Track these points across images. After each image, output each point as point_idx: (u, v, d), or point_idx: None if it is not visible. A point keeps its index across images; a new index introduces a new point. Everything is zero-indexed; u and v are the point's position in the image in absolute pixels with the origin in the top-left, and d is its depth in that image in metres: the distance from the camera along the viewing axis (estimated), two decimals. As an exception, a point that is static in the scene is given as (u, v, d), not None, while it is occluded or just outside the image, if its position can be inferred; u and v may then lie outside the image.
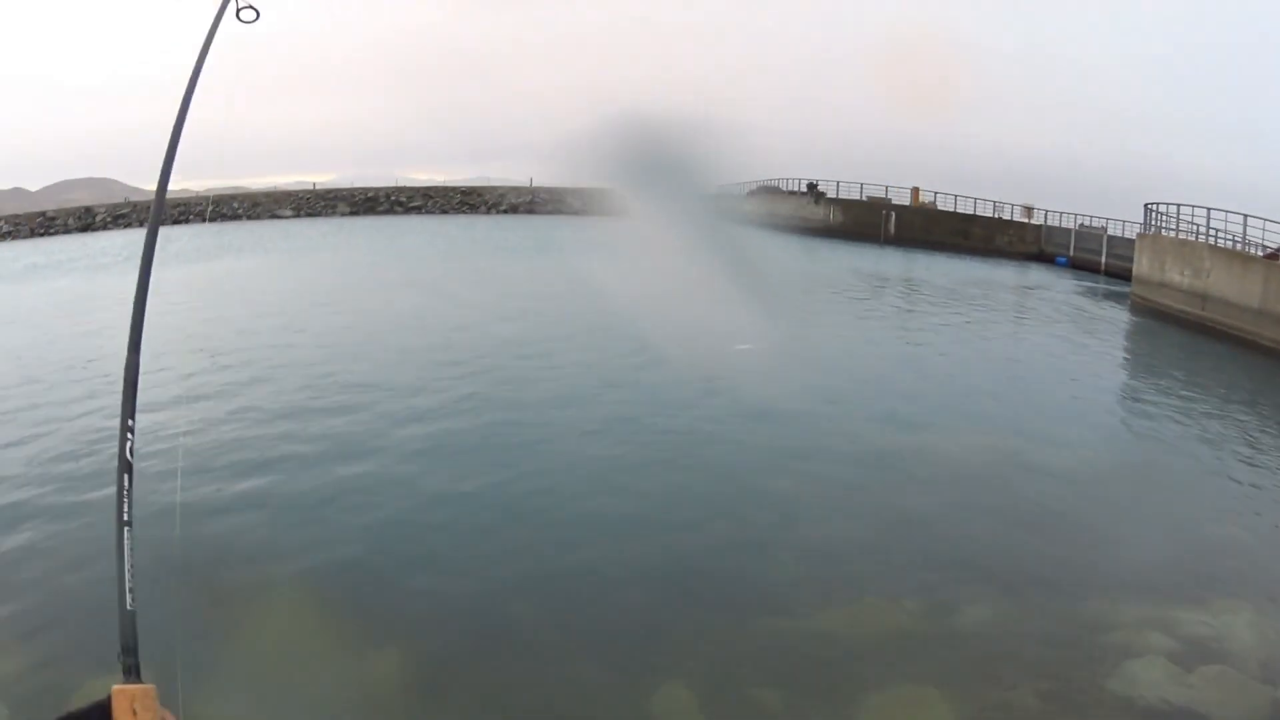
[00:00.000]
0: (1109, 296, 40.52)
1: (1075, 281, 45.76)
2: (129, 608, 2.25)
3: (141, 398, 2.70)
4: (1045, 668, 8.87)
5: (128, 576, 2.30)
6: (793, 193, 72.91)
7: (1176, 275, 34.82)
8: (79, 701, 1.86)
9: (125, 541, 2.36)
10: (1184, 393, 22.22)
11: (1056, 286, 43.75)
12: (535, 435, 16.32)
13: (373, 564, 11.29)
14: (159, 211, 3.27)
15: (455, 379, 20.18)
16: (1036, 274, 49.09)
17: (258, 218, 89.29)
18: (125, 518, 2.44)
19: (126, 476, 2.53)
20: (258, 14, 4.20)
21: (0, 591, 10.33)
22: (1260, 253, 33.52)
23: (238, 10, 4.17)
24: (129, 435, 2.61)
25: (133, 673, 1.95)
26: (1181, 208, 37.38)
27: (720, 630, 9.62)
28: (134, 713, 1.76)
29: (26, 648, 9.04)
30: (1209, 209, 35.30)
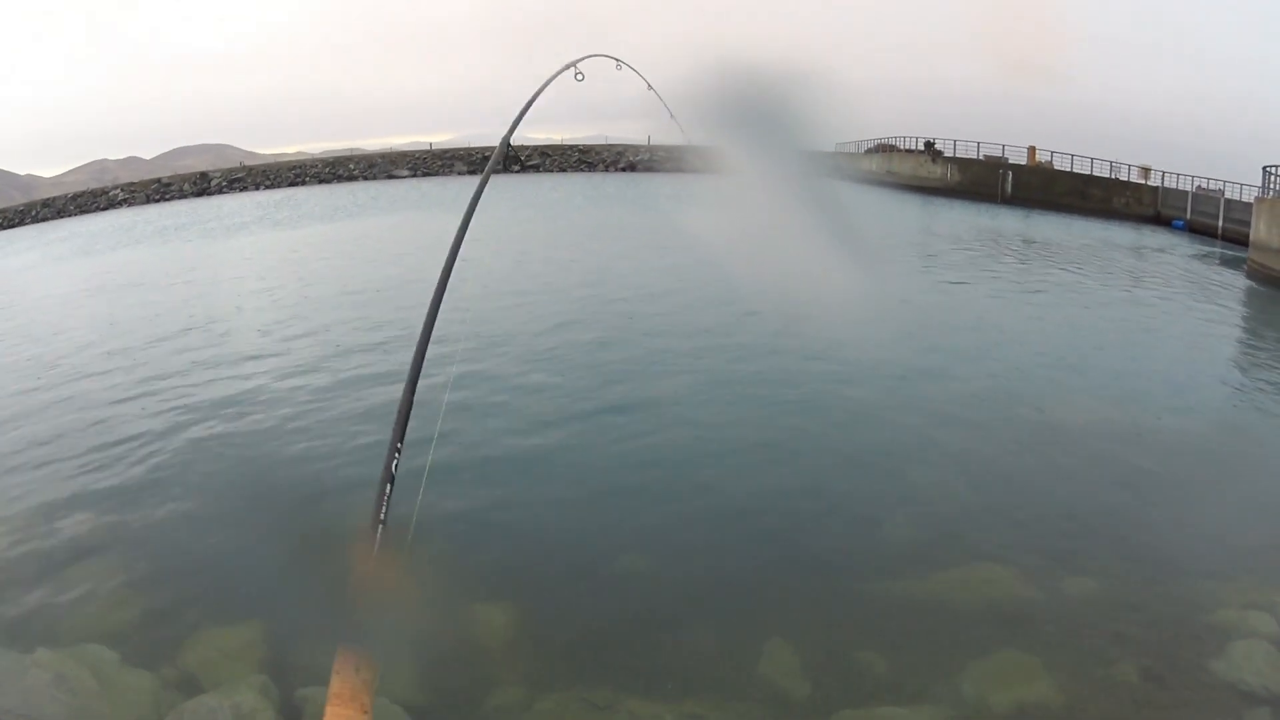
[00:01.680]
0: (1225, 262, 39.51)
1: (1192, 245, 44.67)
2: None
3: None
4: (1148, 645, 8.87)
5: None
6: (910, 151, 72.22)
7: (1290, 241, 33.86)
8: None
9: (378, 536, 2.57)
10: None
11: (1173, 250, 42.75)
12: (651, 394, 16.65)
13: (499, 517, 11.97)
14: (495, 163, 3.52)
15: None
16: (1153, 237, 47.99)
17: (374, 178, 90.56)
18: (382, 517, 2.64)
19: (389, 485, 2.71)
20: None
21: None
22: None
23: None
24: (396, 454, 2.81)
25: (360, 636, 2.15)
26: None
27: (828, 592, 9.80)
28: (357, 670, 2.01)
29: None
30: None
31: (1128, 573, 10.29)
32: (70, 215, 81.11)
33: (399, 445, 2.72)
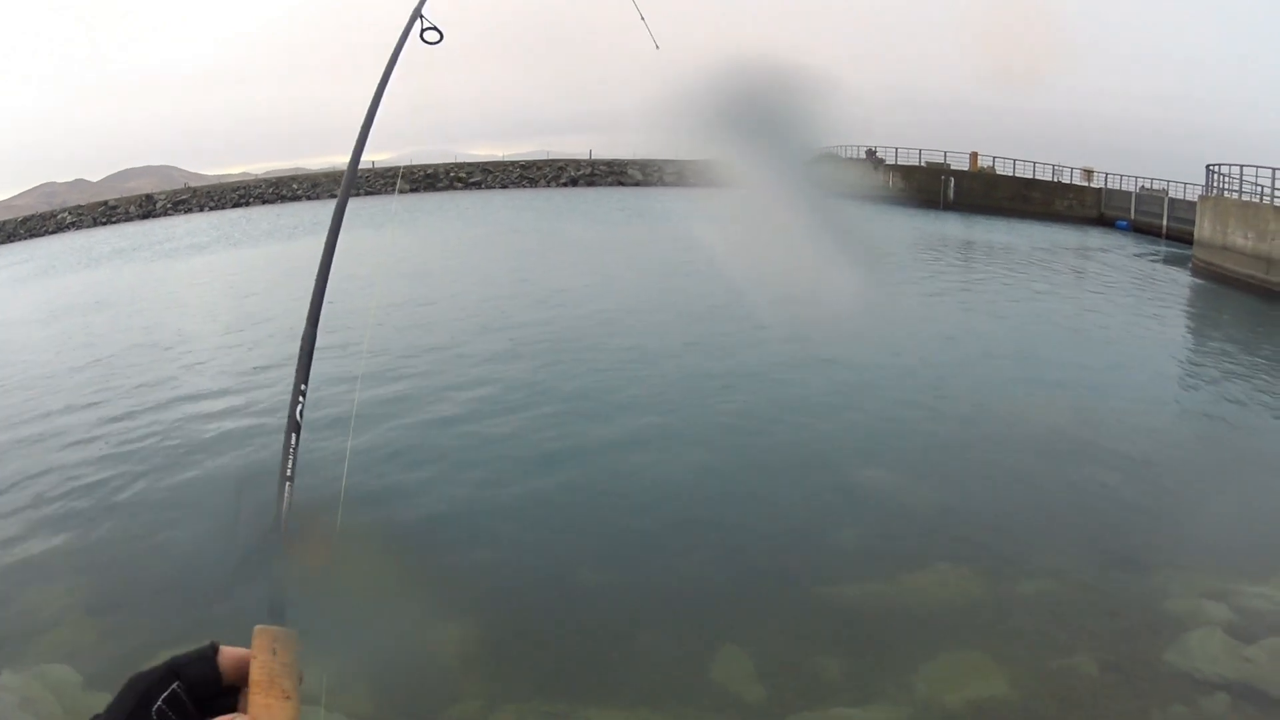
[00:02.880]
0: (1170, 260, 39.96)
1: (1136, 245, 45.17)
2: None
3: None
4: (1104, 637, 8.87)
5: (284, 526, 2.42)
6: (852, 159, 72.60)
7: (1240, 239, 34.19)
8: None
9: (285, 495, 2.48)
10: (1249, 359, 21.93)
11: (1117, 250, 43.20)
12: (602, 404, 16.62)
13: (453, 529, 11.88)
14: (348, 187, 3.40)
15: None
16: (1097, 238, 48.50)
17: (317, 198, 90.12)
18: (289, 474, 2.55)
19: (295, 435, 2.64)
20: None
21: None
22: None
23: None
24: (300, 399, 2.73)
25: (278, 614, 2.04)
26: (1246, 169, 36.63)
27: (781, 598, 9.74)
28: (274, 652, 1.87)
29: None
30: (1275, 170, 34.60)
31: (1082, 568, 10.29)
32: (20, 239, 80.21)
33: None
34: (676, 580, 10.28)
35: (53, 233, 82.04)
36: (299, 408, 2.71)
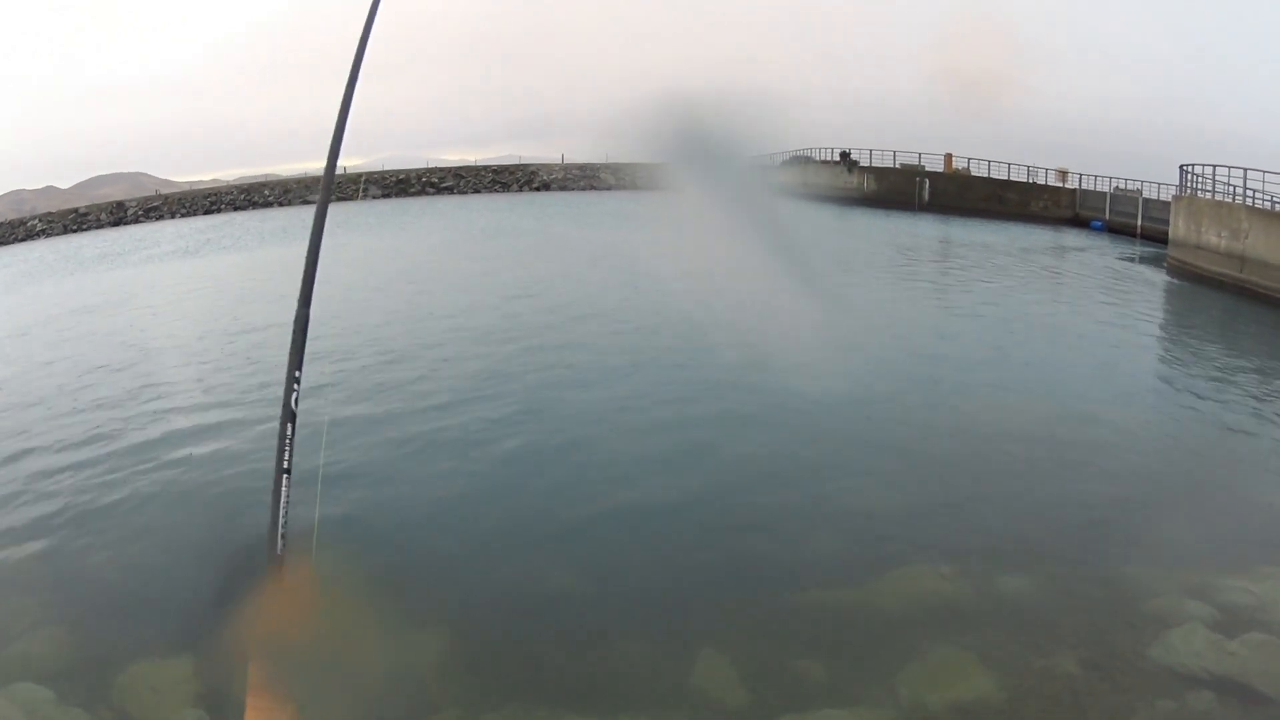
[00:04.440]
0: (1145, 260, 40.19)
1: (1111, 245, 45.41)
2: (278, 552, 2.28)
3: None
4: (1086, 636, 8.86)
5: (281, 523, 2.32)
6: (826, 162, 72.65)
7: (1214, 237, 34.38)
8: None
9: (284, 488, 2.39)
10: (1225, 357, 22.05)
11: (1092, 250, 43.41)
12: (584, 411, 16.49)
13: (423, 541, 11.74)
14: (328, 189, 3.34)
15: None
16: (1072, 238, 48.74)
17: (289, 204, 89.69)
18: (286, 465, 2.47)
19: (290, 425, 2.55)
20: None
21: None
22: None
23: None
24: (295, 386, 2.65)
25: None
26: (1218, 169, 36.82)
27: (760, 601, 9.66)
28: (270, 714, 1.79)
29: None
30: (1246, 169, 34.80)
31: (1062, 567, 10.27)
32: (-11, 246, 79.56)
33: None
34: (655, 585, 10.21)
35: (22, 240, 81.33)
36: (294, 395, 2.64)
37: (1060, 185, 61.28)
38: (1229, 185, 35.74)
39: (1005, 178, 63.96)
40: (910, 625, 9.11)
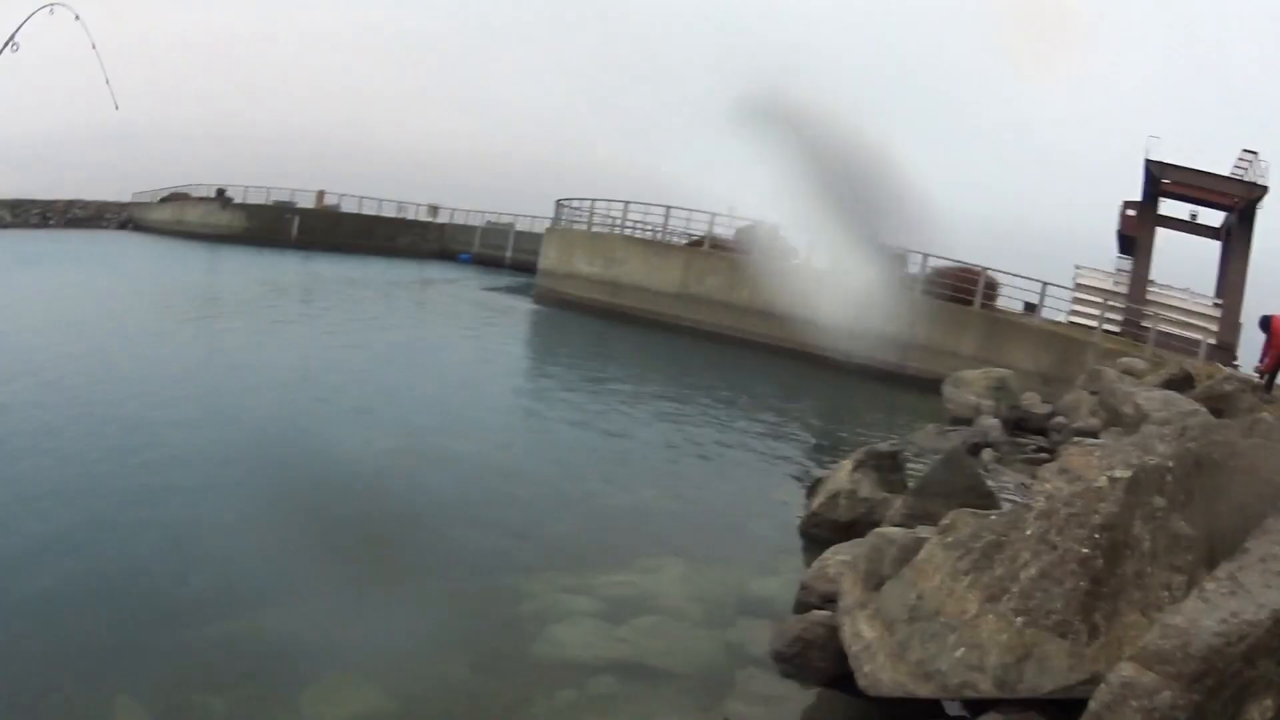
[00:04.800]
0: (514, 290, 42.06)
1: (480, 276, 47.11)
2: None
3: None
4: (473, 643, 8.78)
5: None
6: (202, 199, 70.32)
7: (586, 266, 36.41)
8: None
9: None
10: (596, 373, 23.19)
11: (459, 282, 44.90)
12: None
13: None
14: None
15: None
16: (439, 271, 50.10)
17: None
18: None
19: None
20: None
21: None
22: (682, 241, 36.09)
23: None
24: None
25: None
26: (597, 201, 39.08)
27: (164, 644, 8.71)
28: None
29: None
30: (626, 202, 37.23)
31: (444, 581, 10.08)
32: None
33: None
34: (61, 634, 8.89)
35: None
36: None
37: (430, 220, 63.16)
38: (608, 216, 38.01)
39: (376, 213, 65.13)
40: (304, 651, 8.56)
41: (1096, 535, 5.99)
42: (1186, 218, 37.99)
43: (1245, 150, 35.06)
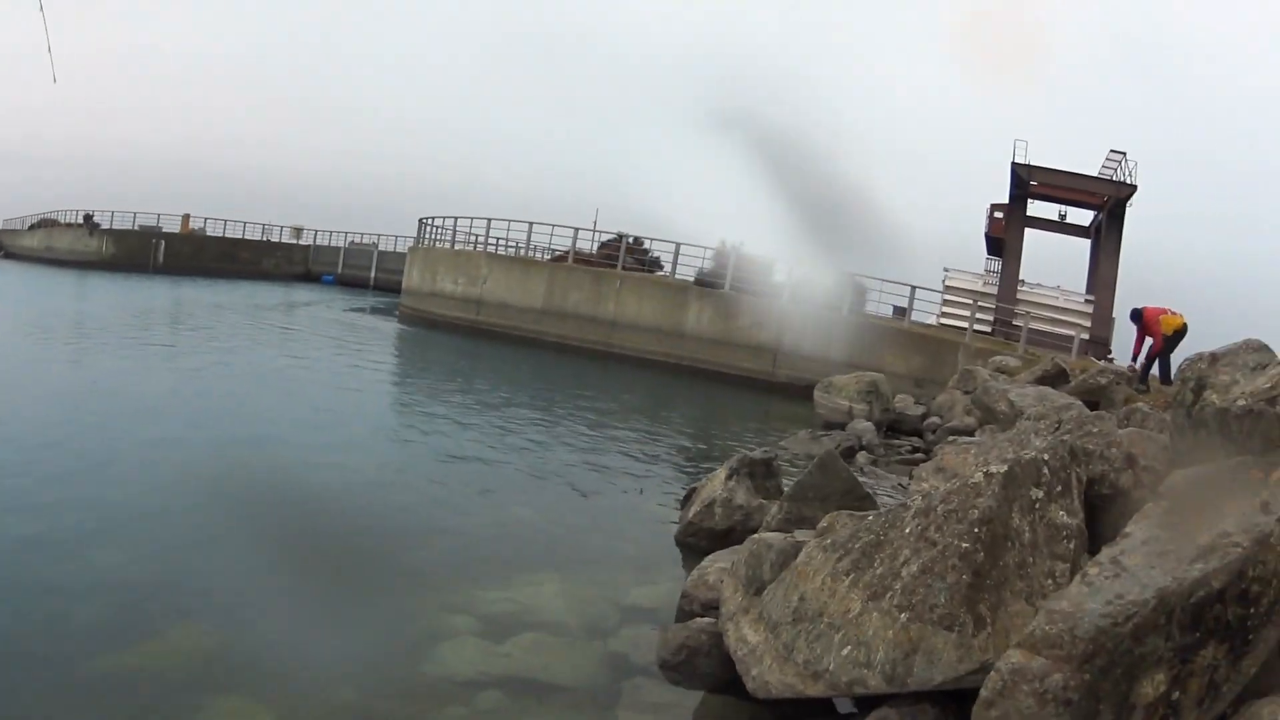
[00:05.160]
0: (378, 310, 41.58)
1: (343, 298, 46.43)
2: None
3: None
4: (360, 667, 8.55)
5: None
6: (70, 225, 68.48)
7: (450, 284, 36.14)
8: None
9: None
10: (462, 390, 23.09)
11: (322, 304, 44.13)
12: None
13: None
14: None
15: None
16: (304, 293, 49.32)
17: None
18: None
19: None
20: None
21: None
22: (545, 257, 36.01)
23: None
24: None
25: None
26: (459, 219, 38.78)
27: (36, 684, 8.28)
28: None
29: None
30: (490, 219, 36.95)
31: (327, 604, 9.82)
32: None
33: None
34: None
35: None
36: None
37: (294, 242, 62.24)
38: (470, 234, 37.71)
39: (240, 236, 64.04)
40: (185, 682, 8.28)
41: (976, 529, 6.07)
42: (1055, 218, 39.50)
43: (1113, 150, 36.51)
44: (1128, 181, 34.96)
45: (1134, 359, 19.24)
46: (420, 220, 42.17)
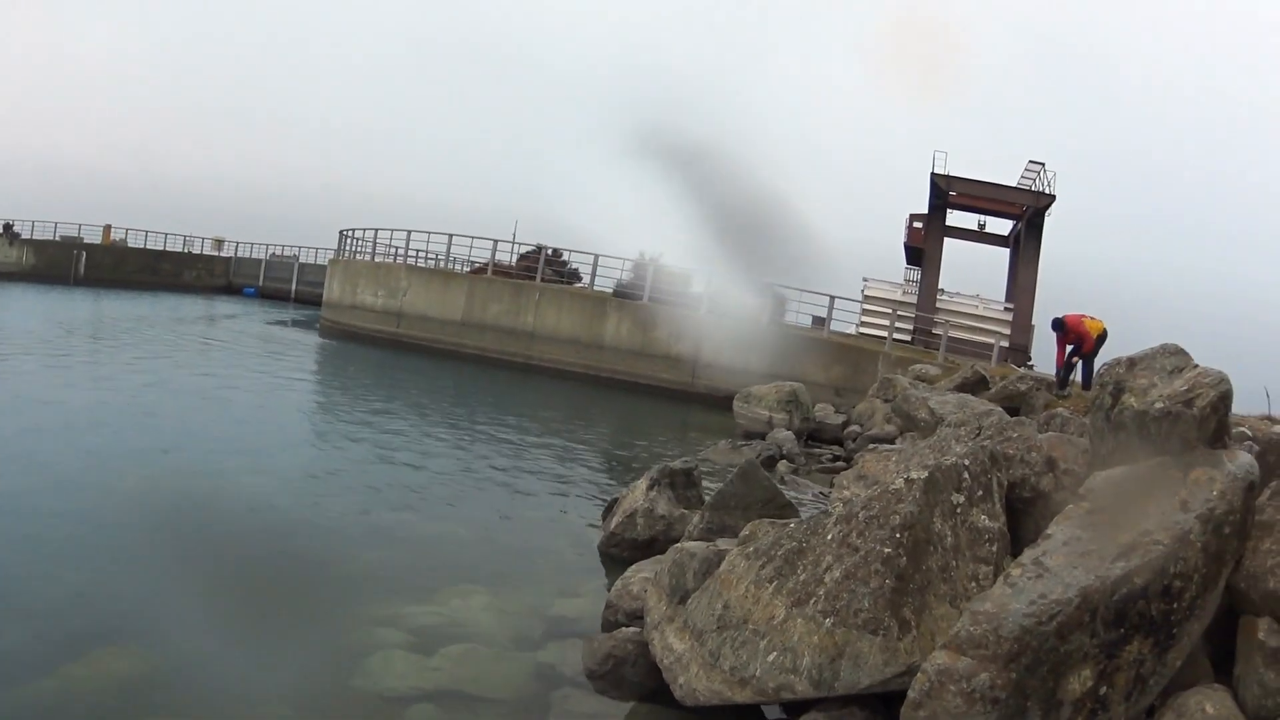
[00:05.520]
0: (299, 323, 41.06)
1: (264, 310, 45.79)
2: None
3: None
4: (288, 680, 8.48)
5: None
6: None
7: (370, 297, 35.86)
8: None
9: None
10: (384, 403, 22.93)
11: (244, 317, 43.54)
12: None
13: None
14: None
15: None
16: (225, 306, 48.61)
17: None
18: None
19: None
20: None
21: None
22: (465, 269, 35.79)
23: None
24: None
25: None
26: (380, 231, 38.47)
27: None
28: None
29: None
30: (410, 231, 36.70)
31: (256, 621, 9.67)
32: None
33: None
34: None
35: None
36: None
37: (216, 254, 61.50)
38: (390, 246, 37.41)
39: (162, 248, 63.04)
40: (116, 708, 8.11)
41: (898, 534, 6.15)
42: (975, 227, 40.08)
43: (1032, 161, 37.23)
44: (1046, 192, 35.64)
45: (1058, 370, 19.50)
46: (340, 232, 41.83)
